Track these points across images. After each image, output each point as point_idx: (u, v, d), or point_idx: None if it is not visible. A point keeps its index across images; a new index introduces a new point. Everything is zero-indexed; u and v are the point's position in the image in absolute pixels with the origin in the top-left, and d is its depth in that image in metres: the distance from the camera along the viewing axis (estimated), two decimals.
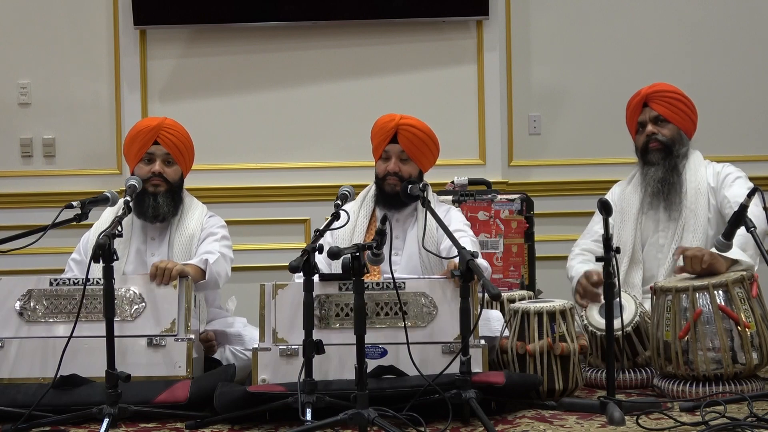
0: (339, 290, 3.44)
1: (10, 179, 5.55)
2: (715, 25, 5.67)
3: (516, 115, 5.65)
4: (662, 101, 4.16)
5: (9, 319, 3.57)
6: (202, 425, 3.24)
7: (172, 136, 4.05)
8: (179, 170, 4.09)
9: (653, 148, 4.15)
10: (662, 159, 4.14)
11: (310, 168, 5.55)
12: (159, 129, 4.04)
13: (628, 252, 4.13)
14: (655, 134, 4.14)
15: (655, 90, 4.18)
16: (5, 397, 3.36)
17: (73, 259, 4.09)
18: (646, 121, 4.17)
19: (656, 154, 4.15)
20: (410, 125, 4.05)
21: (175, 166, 4.07)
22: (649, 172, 4.16)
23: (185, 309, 3.60)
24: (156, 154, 4.03)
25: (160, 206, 3.99)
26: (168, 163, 4.04)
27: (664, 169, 4.13)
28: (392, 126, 4.04)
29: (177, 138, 4.07)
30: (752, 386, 3.50)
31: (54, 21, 5.56)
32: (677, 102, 4.16)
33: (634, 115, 4.22)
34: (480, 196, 4.68)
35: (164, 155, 4.03)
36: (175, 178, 4.06)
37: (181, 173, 4.10)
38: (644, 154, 4.19)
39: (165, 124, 4.07)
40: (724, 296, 3.54)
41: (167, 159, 4.04)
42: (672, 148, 4.14)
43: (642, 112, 4.19)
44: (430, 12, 5.47)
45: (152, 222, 4.02)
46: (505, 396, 3.36)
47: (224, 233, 4.10)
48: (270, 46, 5.55)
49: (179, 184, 4.09)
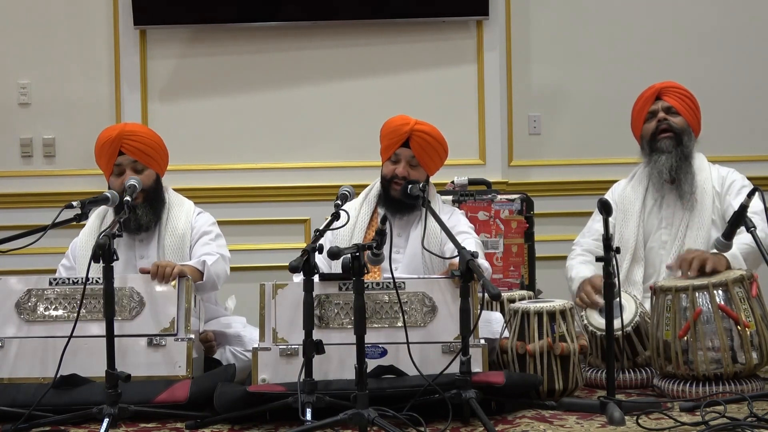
0: (339, 290, 3.44)
1: (10, 179, 5.55)
2: (716, 25, 5.68)
3: (516, 115, 5.65)
4: (676, 95, 4.18)
5: (9, 319, 3.57)
6: (202, 425, 3.24)
7: (135, 142, 3.96)
8: (152, 173, 4.00)
9: (664, 135, 4.14)
10: (673, 147, 4.12)
11: (310, 168, 5.55)
12: (121, 138, 3.94)
13: (630, 249, 4.12)
14: (667, 120, 4.14)
15: (670, 85, 4.22)
16: (5, 397, 3.36)
17: (62, 264, 4.07)
18: (658, 109, 4.17)
19: (667, 141, 4.13)
20: (424, 132, 4.01)
21: (147, 170, 3.98)
22: (659, 160, 4.12)
23: (185, 309, 3.60)
24: (124, 164, 3.95)
25: (140, 217, 3.94)
26: (138, 170, 3.96)
27: (675, 157, 4.11)
28: (406, 130, 4.00)
29: (141, 142, 3.97)
30: (752, 386, 3.50)
31: (54, 21, 5.56)
32: (688, 100, 4.20)
33: (645, 106, 4.20)
34: (480, 196, 4.68)
35: (132, 163, 3.96)
36: (149, 183, 3.97)
37: (155, 176, 4.02)
38: (653, 142, 4.16)
39: (125, 131, 3.97)
40: (724, 296, 3.54)
41: (136, 167, 3.96)
42: (682, 137, 4.13)
43: (654, 103, 4.19)
44: (430, 12, 5.47)
45: (137, 233, 3.99)
46: (505, 396, 3.35)
47: (218, 231, 4.08)
48: (270, 46, 5.55)
49: (156, 188, 4.01)
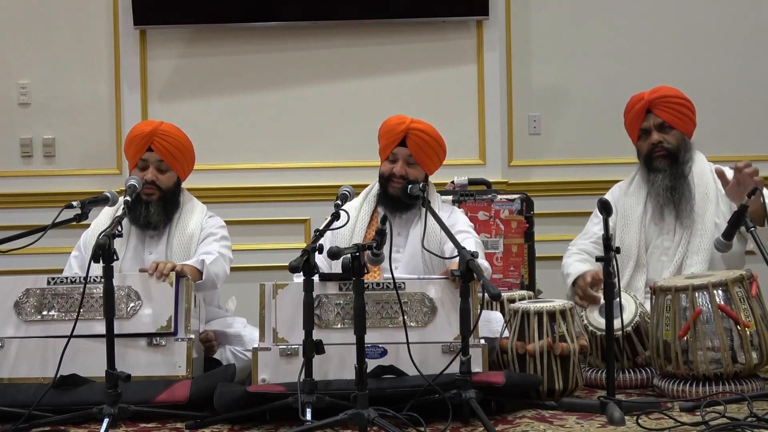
0: (339, 290, 3.44)
1: (10, 179, 5.55)
2: (715, 25, 5.67)
3: (516, 115, 5.65)
4: (666, 107, 4.09)
5: (8, 319, 3.57)
6: (202, 425, 3.24)
7: (165, 142, 3.99)
8: (174, 176, 4.04)
9: (659, 155, 4.10)
10: (669, 166, 4.09)
11: (310, 168, 5.55)
12: (153, 135, 3.98)
13: (633, 257, 4.10)
14: (661, 142, 4.08)
15: (659, 95, 4.11)
16: (5, 397, 3.36)
17: (74, 256, 4.09)
18: (650, 128, 4.10)
19: (662, 161, 4.10)
20: (420, 130, 4.02)
21: (170, 172, 4.02)
22: (656, 180, 4.10)
23: (185, 309, 3.60)
24: (149, 161, 3.99)
25: (151, 215, 3.97)
26: (161, 170, 4.00)
27: (671, 177, 4.08)
28: (402, 129, 4.01)
29: (171, 144, 4.01)
30: (752, 386, 3.50)
31: (54, 21, 5.56)
32: (680, 107, 4.11)
33: (636, 121, 4.14)
34: (480, 196, 4.68)
35: (157, 162, 4.00)
36: (168, 185, 4.02)
37: (176, 179, 4.06)
38: (649, 161, 4.13)
39: (159, 130, 4.01)
40: (724, 296, 3.54)
41: (160, 166, 4.00)
42: (678, 155, 4.09)
43: (645, 119, 4.11)
44: (430, 12, 5.47)
45: (144, 230, 4.01)
46: (505, 396, 3.35)
47: (224, 233, 4.10)
48: (270, 46, 5.55)
49: (174, 191, 4.05)
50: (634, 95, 4.20)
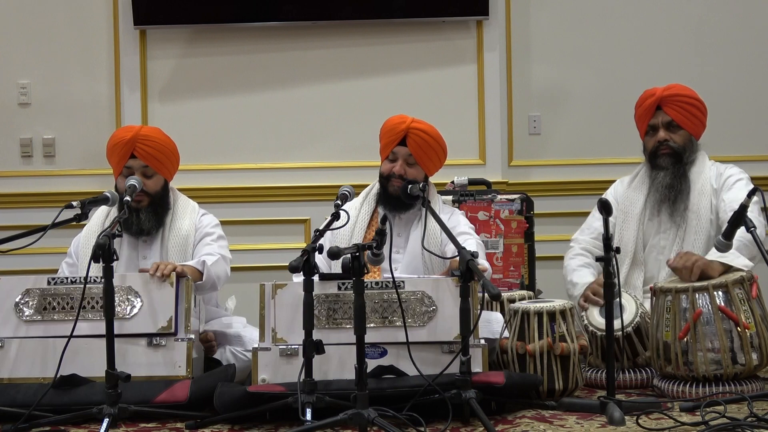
0: (339, 290, 3.44)
1: (10, 179, 5.55)
2: (717, 25, 5.67)
3: (516, 115, 5.65)
4: (677, 106, 4.07)
5: (8, 319, 3.56)
6: (202, 425, 3.24)
7: (148, 147, 3.94)
8: (161, 179, 4.01)
9: (663, 153, 4.09)
10: (671, 164, 4.09)
11: (310, 168, 5.55)
12: (134, 142, 3.93)
13: (630, 253, 4.10)
14: (667, 141, 4.08)
15: (671, 93, 4.09)
16: (5, 397, 3.36)
17: (66, 262, 4.07)
18: (658, 125, 4.09)
19: (666, 159, 4.09)
20: (421, 130, 4.02)
21: (156, 176, 3.98)
22: (657, 177, 4.10)
23: (185, 309, 3.60)
24: (134, 168, 3.94)
25: (143, 222, 3.95)
26: (147, 175, 3.96)
27: (672, 176, 4.08)
28: (403, 128, 4.01)
29: (154, 148, 3.96)
30: (752, 387, 3.50)
31: (54, 21, 5.56)
32: (691, 107, 4.09)
33: (645, 116, 4.13)
34: (480, 196, 4.68)
35: (142, 168, 3.95)
36: (156, 189, 3.98)
37: (163, 181, 4.02)
38: (653, 158, 4.13)
39: (140, 135, 3.96)
40: (724, 297, 3.54)
41: (146, 172, 3.96)
42: (683, 155, 4.09)
43: (654, 115, 4.09)
44: (430, 12, 5.47)
45: (137, 237, 3.99)
46: (505, 396, 3.35)
47: (220, 233, 4.09)
48: (270, 46, 5.55)
49: (162, 194, 4.02)
50: (647, 89, 4.17)
